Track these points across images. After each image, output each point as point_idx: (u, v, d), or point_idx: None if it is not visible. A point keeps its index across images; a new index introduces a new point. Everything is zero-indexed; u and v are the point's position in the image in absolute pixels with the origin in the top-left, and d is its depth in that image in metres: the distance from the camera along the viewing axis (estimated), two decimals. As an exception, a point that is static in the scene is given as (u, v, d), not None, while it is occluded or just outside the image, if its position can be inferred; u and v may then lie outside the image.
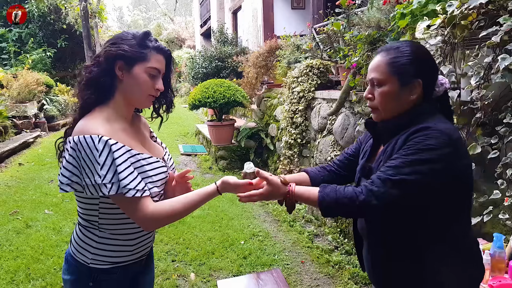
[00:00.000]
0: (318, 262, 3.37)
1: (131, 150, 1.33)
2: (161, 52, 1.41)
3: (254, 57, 6.46)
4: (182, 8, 37.00)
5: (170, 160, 1.57)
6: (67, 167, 1.30)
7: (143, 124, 1.61)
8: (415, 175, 1.19)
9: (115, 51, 1.35)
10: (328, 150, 4.09)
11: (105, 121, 1.34)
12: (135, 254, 1.45)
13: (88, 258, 1.40)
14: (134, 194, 1.27)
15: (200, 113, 12.57)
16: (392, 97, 1.31)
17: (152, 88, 1.40)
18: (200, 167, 6.68)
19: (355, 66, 3.47)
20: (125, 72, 1.37)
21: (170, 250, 3.68)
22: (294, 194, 1.36)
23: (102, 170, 1.25)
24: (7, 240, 3.98)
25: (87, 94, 1.38)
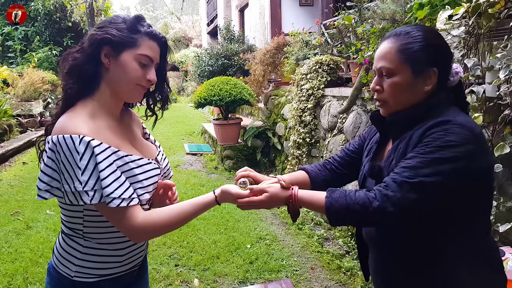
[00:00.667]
0: (329, 268, 3.20)
1: (118, 151, 1.16)
2: (154, 38, 1.24)
3: (261, 54, 6.29)
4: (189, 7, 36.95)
5: (164, 160, 1.40)
6: (45, 171, 1.14)
7: (135, 120, 1.44)
8: (435, 176, 1.04)
9: (101, 35, 1.18)
10: (339, 149, 3.91)
11: (88, 118, 1.18)
12: (125, 265, 1.29)
13: (71, 271, 1.24)
14: (119, 204, 1.11)
15: (206, 112, 12.44)
16: (404, 88, 1.17)
17: (142, 78, 1.23)
18: (206, 167, 6.53)
19: (367, 62, 3.29)
20: (112, 59, 1.20)
21: (173, 253, 3.52)
22: (298, 199, 1.20)
23: (83, 175, 1.09)
24: (6, 241, 3.87)
25: (69, 84, 1.22)
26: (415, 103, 1.18)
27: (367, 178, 1.31)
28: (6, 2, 13.89)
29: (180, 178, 5.83)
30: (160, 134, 9.25)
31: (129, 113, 1.43)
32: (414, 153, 1.09)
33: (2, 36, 13.74)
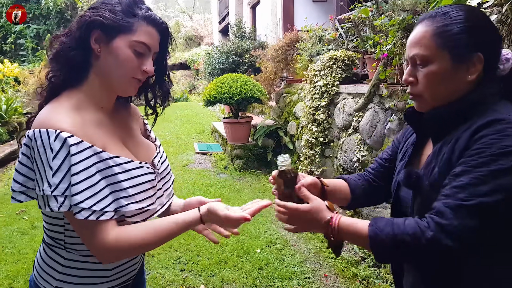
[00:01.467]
0: (344, 276, 3.01)
1: (100, 152, 0.99)
2: (153, 23, 1.06)
3: (273, 51, 6.11)
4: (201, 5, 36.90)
5: (163, 164, 1.22)
6: (20, 170, 0.99)
7: (133, 115, 1.26)
8: (497, 194, 0.85)
9: (91, 17, 1.02)
10: (354, 150, 3.71)
11: (73, 110, 1.01)
12: (114, 281, 1.12)
13: (52, 286, 1.08)
14: (87, 216, 0.94)
15: (217, 110, 12.31)
16: (442, 79, 0.98)
17: (137, 69, 1.06)
18: (215, 167, 6.37)
19: (386, 56, 3.09)
20: (103, 45, 1.03)
21: (179, 257, 3.37)
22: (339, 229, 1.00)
23: (54, 177, 0.93)
24: (10, 241, 3.78)
25: (53, 72, 1.05)
26: (457, 97, 0.99)
27: (402, 186, 1.13)
28: (18, 1, 13.96)
29: (189, 178, 5.68)
30: (170, 133, 9.13)
31: (128, 107, 1.26)
32: (464, 166, 0.90)
33: (14, 34, 13.84)
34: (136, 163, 1.07)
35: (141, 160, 1.12)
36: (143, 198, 1.07)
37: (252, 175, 5.90)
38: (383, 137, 3.29)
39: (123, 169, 1.02)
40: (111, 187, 1.00)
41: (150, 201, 1.09)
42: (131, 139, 1.17)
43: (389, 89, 3.20)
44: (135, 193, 1.04)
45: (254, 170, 6.11)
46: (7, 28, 13.95)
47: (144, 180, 1.07)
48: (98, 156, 0.99)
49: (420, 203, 1.02)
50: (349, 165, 3.80)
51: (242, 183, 5.52)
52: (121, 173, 1.02)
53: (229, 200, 4.69)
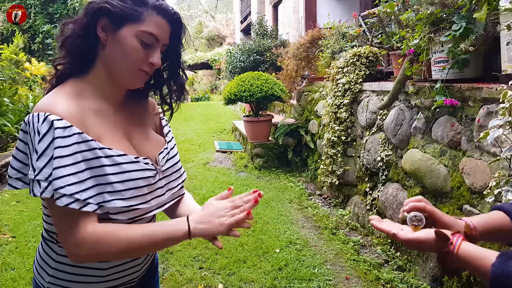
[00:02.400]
0: (366, 279, 2.90)
1: (90, 141, 0.93)
2: (163, 13, 1.01)
3: (294, 48, 6.01)
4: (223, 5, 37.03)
5: (168, 161, 1.14)
6: (16, 156, 0.96)
7: (148, 109, 1.20)
8: None
9: (98, 3, 0.97)
10: (378, 149, 3.59)
11: (73, 97, 0.98)
12: (110, 281, 1.06)
13: (45, 281, 1.04)
14: (68, 204, 0.88)
15: (237, 109, 12.30)
16: None
17: (143, 61, 1.01)
18: (235, 165, 6.33)
19: (412, 52, 2.97)
20: (110, 34, 0.99)
21: (198, 255, 3.33)
22: (458, 256, 0.86)
23: (38, 161, 0.88)
24: (33, 236, 3.88)
25: (59, 60, 1.02)
26: None
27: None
28: (46, 1, 14.28)
29: (209, 176, 5.66)
30: (191, 131, 9.15)
31: (144, 101, 1.21)
32: None
33: (42, 34, 14.14)
34: (130, 157, 1.00)
35: (145, 155, 1.06)
36: (133, 196, 0.99)
37: (272, 174, 5.83)
38: (409, 136, 3.17)
39: (113, 162, 0.96)
40: (96, 179, 0.93)
41: (142, 199, 1.01)
42: (138, 133, 1.11)
43: (416, 86, 3.08)
44: (123, 189, 0.97)
45: (274, 169, 6.04)
46: (35, 28, 14.29)
47: (137, 176, 1.00)
48: (87, 144, 0.93)
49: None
50: (373, 165, 3.69)
51: (262, 182, 5.46)
52: (110, 165, 0.95)
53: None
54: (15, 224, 4.12)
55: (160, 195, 1.08)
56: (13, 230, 3.98)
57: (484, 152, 2.32)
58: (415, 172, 2.96)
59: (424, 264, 2.79)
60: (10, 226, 4.07)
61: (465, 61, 2.54)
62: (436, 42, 2.74)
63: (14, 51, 10.99)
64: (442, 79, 2.70)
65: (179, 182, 1.17)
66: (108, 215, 0.96)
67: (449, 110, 2.70)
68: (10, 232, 3.93)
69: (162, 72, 1.14)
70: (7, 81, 8.56)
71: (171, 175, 1.14)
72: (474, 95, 2.45)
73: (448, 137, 2.66)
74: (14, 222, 4.16)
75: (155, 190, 1.06)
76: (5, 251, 3.52)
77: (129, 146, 1.05)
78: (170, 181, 1.13)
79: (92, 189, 0.92)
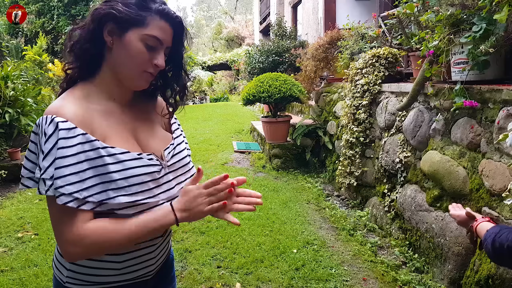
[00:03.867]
0: (383, 280, 2.90)
1: (93, 141, 0.98)
2: (166, 17, 1.06)
3: (313, 49, 6.01)
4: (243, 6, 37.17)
5: (174, 156, 1.18)
6: (28, 157, 1.02)
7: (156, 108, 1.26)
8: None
9: (105, 9, 1.03)
10: (397, 151, 3.58)
11: (80, 99, 1.04)
12: (126, 275, 1.11)
13: (63, 276, 1.10)
14: (67, 202, 0.93)
15: (256, 110, 12.35)
16: None
17: (148, 63, 1.06)
18: (253, 165, 6.37)
19: (432, 53, 2.95)
20: (116, 38, 1.04)
21: (216, 254, 3.38)
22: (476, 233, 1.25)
23: (44, 160, 0.94)
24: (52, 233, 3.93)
25: (68, 64, 1.08)
26: None
27: None
28: (69, 3, 14.63)
29: (227, 176, 5.71)
30: (209, 132, 9.24)
31: (153, 101, 1.26)
32: None
33: (65, 35, 14.46)
34: (133, 154, 1.05)
35: (151, 151, 1.11)
36: (138, 191, 1.03)
37: (290, 175, 5.85)
38: (428, 138, 3.15)
39: (116, 160, 1.00)
40: (100, 178, 0.98)
41: (148, 193, 1.05)
42: (145, 131, 1.16)
43: (435, 87, 3.06)
44: (127, 185, 1.01)
45: (292, 169, 6.06)
46: (58, 30, 14.65)
47: (141, 172, 1.04)
48: (91, 144, 0.98)
49: None
50: (391, 166, 3.68)
51: (280, 182, 5.48)
52: (113, 163, 1.00)
53: (267, 199, 4.67)
54: (38, 221, 4.24)
55: (169, 189, 1.13)
56: (36, 227, 4.09)
57: (504, 154, 2.30)
58: (434, 174, 2.94)
59: (442, 266, 2.78)
60: (33, 224, 4.19)
61: (485, 63, 2.51)
62: (456, 43, 2.72)
63: (37, 52, 11.27)
64: (462, 80, 2.68)
65: (187, 176, 1.21)
66: (114, 211, 1.01)
67: (469, 111, 2.68)
68: (33, 230, 4.05)
69: (166, 73, 1.19)
70: (31, 82, 8.78)
71: (178, 170, 1.18)
72: (494, 96, 2.43)
73: (468, 139, 2.64)
74: (37, 220, 4.28)
75: (162, 185, 1.10)
76: (28, 248, 3.63)
77: (135, 143, 1.10)
78: (178, 175, 1.18)
79: (96, 187, 0.97)
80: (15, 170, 5.81)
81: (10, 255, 3.50)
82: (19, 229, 4.08)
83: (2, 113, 6.11)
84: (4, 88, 6.23)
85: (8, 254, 3.51)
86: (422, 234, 3.08)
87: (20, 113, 6.43)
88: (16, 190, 5.50)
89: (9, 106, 6.26)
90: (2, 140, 6.26)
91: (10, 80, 6.53)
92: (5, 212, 4.60)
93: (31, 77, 9.53)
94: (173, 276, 1.35)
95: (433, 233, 2.91)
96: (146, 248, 1.12)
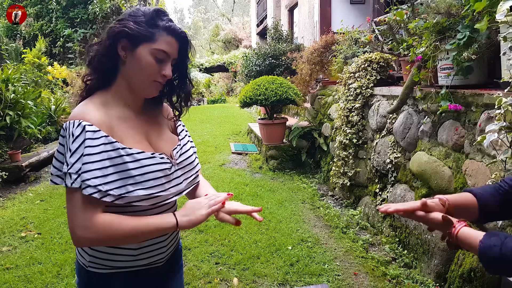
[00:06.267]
0: (373, 274, 3.05)
1: (114, 142, 1.13)
2: (172, 33, 1.21)
3: (308, 53, 6.17)
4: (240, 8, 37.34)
5: (182, 155, 1.33)
6: (57, 157, 1.17)
7: (163, 113, 1.41)
8: None
9: (119, 28, 1.18)
10: (388, 152, 3.73)
11: (100, 106, 1.19)
12: (141, 260, 1.26)
13: (86, 260, 1.25)
14: (92, 193, 1.07)
15: (253, 112, 12.48)
16: None
17: (157, 73, 1.21)
18: (250, 166, 6.51)
19: (420, 59, 3.10)
20: (129, 52, 1.20)
21: (214, 251, 3.52)
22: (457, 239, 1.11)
23: (71, 157, 1.09)
24: (58, 232, 4.06)
25: (88, 76, 1.24)
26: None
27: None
28: (67, 6, 14.71)
29: (225, 177, 5.85)
30: (207, 133, 9.37)
31: (160, 107, 1.41)
32: None
33: (63, 38, 14.56)
34: (147, 153, 1.19)
35: (161, 151, 1.26)
36: (153, 185, 1.17)
37: (286, 175, 6.00)
38: (417, 139, 3.30)
39: (133, 159, 1.14)
40: (120, 174, 1.12)
41: (161, 188, 1.19)
42: (155, 133, 1.31)
43: (423, 91, 3.21)
44: (143, 180, 1.15)
45: (288, 170, 6.20)
46: (57, 33, 14.71)
47: (155, 169, 1.18)
48: (112, 145, 1.12)
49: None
50: (382, 167, 3.83)
51: (276, 183, 5.63)
52: (131, 162, 1.14)
53: (263, 199, 4.81)
54: (40, 221, 4.37)
55: (177, 184, 1.28)
56: (39, 227, 4.22)
57: (485, 154, 2.45)
58: (421, 174, 3.09)
59: (429, 261, 2.92)
60: (36, 224, 4.32)
61: (469, 68, 2.66)
62: (441, 50, 2.87)
63: (36, 55, 11.36)
64: (447, 85, 2.83)
65: (193, 172, 1.37)
66: (131, 204, 1.16)
67: (454, 114, 2.83)
68: (36, 229, 4.17)
69: (172, 81, 1.35)
70: (31, 85, 8.88)
71: (185, 167, 1.33)
72: (476, 101, 2.58)
73: (453, 141, 2.79)
74: (39, 220, 4.41)
75: (172, 180, 1.25)
76: (32, 246, 3.75)
77: (147, 144, 1.25)
78: (185, 172, 1.33)
79: (116, 182, 1.11)
80: (15, 172, 5.92)
81: (14, 253, 3.62)
82: (22, 228, 4.20)
83: (3, 115, 6.21)
84: (5, 91, 6.33)
85: (13, 253, 3.63)
86: (411, 231, 3.23)
87: (20, 116, 6.54)
88: (17, 191, 5.62)
89: (10, 108, 6.36)
90: (2, 142, 6.36)
91: (11, 83, 6.62)
92: (7, 212, 4.71)
93: (30, 79, 9.62)
94: (181, 264, 1.50)
95: (421, 230, 3.06)
96: (158, 237, 1.27)
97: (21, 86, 7.05)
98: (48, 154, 6.86)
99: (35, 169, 6.45)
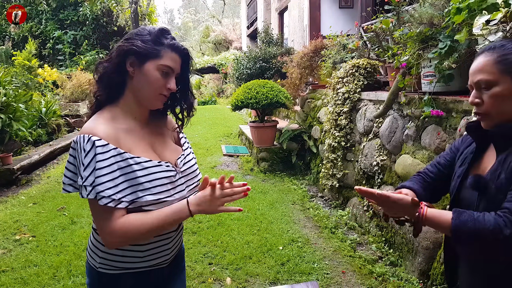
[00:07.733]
0: (360, 273, 3.18)
1: (123, 153, 1.24)
2: (176, 50, 1.33)
3: (298, 57, 6.30)
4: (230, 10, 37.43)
5: (185, 164, 1.44)
6: (68, 167, 1.28)
7: (167, 125, 1.52)
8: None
9: (127, 46, 1.30)
10: (374, 154, 3.87)
11: (108, 120, 1.29)
12: (147, 261, 1.37)
13: (96, 262, 1.36)
14: (107, 203, 1.19)
15: (244, 114, 12.56)
16: (506, 98, 1.19)
17: (163, 87, 1.32)
18: (242, 168, 6.62)
19: (404, 66, 3.25)
20: (136, 68, 1.31)
21: (207, 252, 3.62)
22: (425, 219, 1.21)
23: (84, 171, 1.20)
24: (52, 235, 4.10)
25: (98, 91, 1.34)
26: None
27: (465, 189, 1.30)
28: (57, 8, 14.66)
29: (216, 179, 5.93)
30: (198, 136, 9.43)
31: (164, 119, 1.52)
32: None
33: (53, 40, 14.49)
34: (154, 162, 1.29)
35: (166, 160, 1.36)
36: (160, 191, 1.27)
37: (276, 177, 6.11)
38: (402, 143, 3.44)
39: (141, 167, 1.25)
40: (129, 182, 1.22)
41: (167, 193, 1.30)
42: (160, 144, 1.42)
43: (407, 97, 3.35)
44: (151, 186, 1.25)
45: (279, 172, 6.33)
46: (46, 34, 14.63)
47: (161, 176, 1.29)
48: (121, 156, 1.23)
49: (485, 203, 1.21)
50: (369, 169, 3.97)
51: (267, 184, 5.74)
52: (140, 170, 1.24)
53: (255, 201, 4.92)
54: (34, 224, 4.42)
55: (181, 191, 1.39)
56: (33, 230, 4.27)
57: (465, 158, 2.59)
58: (406, 176, 3.23)
59: (413, 259, 3.07)
60: (30, 226, 4.36)
61: (450, 76, 2.81)
62: (424, 58, 3.01)
63: (27, 57, 11.31)
64: (430, 91, 2.97)
65: (195, 180, 1.48)
66: (141, 208, 1.27)
67: (436, 120, 2.97)
68: (30, 232, 4.21)
69: (175, 94, 1.45)
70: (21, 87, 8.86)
71: (188, 175, 1.44)
72: (456, 107, 2.73)
73: (435, 144, 2.93)
74: (33, 223, 4.46)
75: (177, 187, 1.36)
76: (27, 249, 3.80)
77: (153, 154, 1.36)
78: (188, 180, 1.44)
79: (127, 189, 1.22)
80: (7, 175, 5.92)
81: (9, 256, 3.67)
82: (16, 231, 4.24)
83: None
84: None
85: (8, 256, 3.68)
86: (397, 231, 3.37)
87: (11, 119, 6.52)
88: (9, 194, 5.64)
89: (1, 111, 6.34)
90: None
91: (2, 86, 6.63)
92: (0, 215, 4.74)
93: (21, 82, 9.59)
94: (183, 266, 1.61)
95: (406, 230, 3.20)
96: (163, 240, 1.38)
97: (12, 89, 7.05)
98: (39, 157, 6.87)
99: (26, 172, 6.46)
